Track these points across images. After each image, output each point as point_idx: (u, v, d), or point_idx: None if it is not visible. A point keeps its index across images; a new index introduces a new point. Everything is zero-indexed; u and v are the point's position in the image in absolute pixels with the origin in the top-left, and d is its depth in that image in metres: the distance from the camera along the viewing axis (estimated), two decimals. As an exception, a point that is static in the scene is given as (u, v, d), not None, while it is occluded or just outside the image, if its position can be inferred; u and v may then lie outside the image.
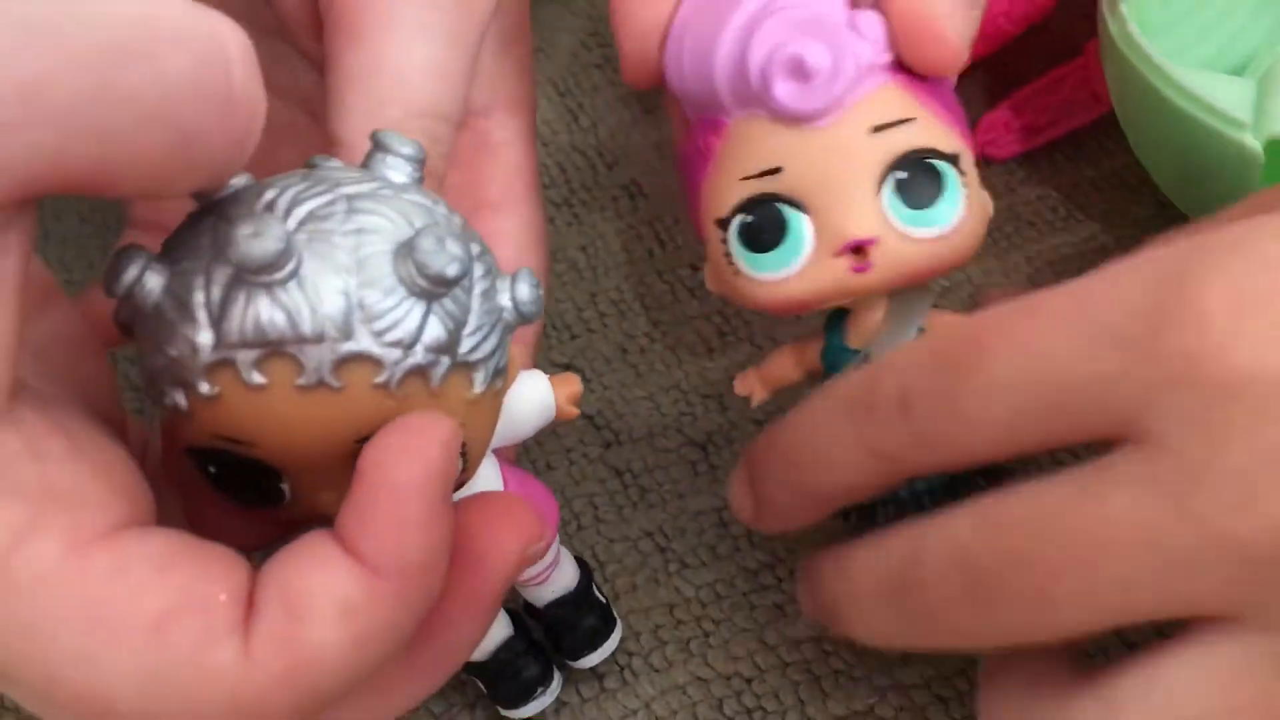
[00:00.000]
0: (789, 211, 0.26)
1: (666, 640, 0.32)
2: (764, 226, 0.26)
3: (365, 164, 0.23)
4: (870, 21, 0.26)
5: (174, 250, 0.22)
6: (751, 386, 0.30)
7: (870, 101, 0.26)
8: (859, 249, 0.26)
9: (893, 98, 0.26)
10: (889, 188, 0.26)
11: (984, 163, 0.41)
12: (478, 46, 0.28)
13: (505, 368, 0.23)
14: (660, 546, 0.33)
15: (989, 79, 0.43)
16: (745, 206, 0.26)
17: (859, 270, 0.26)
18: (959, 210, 0.26)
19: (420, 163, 0.23)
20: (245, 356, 0.20)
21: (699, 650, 0.31)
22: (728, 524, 0.34)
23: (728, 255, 0.27)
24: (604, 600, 0.31)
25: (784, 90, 0.25)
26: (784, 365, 0.29)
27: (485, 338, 0.22)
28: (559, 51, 0.46)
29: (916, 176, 0.26)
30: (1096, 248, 0.38)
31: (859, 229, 0.25)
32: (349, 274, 0.21)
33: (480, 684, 0.30)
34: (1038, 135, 0.41)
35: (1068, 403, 0.22)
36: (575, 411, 0.28)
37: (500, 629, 0.30)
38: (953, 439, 0.23)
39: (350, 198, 0.21)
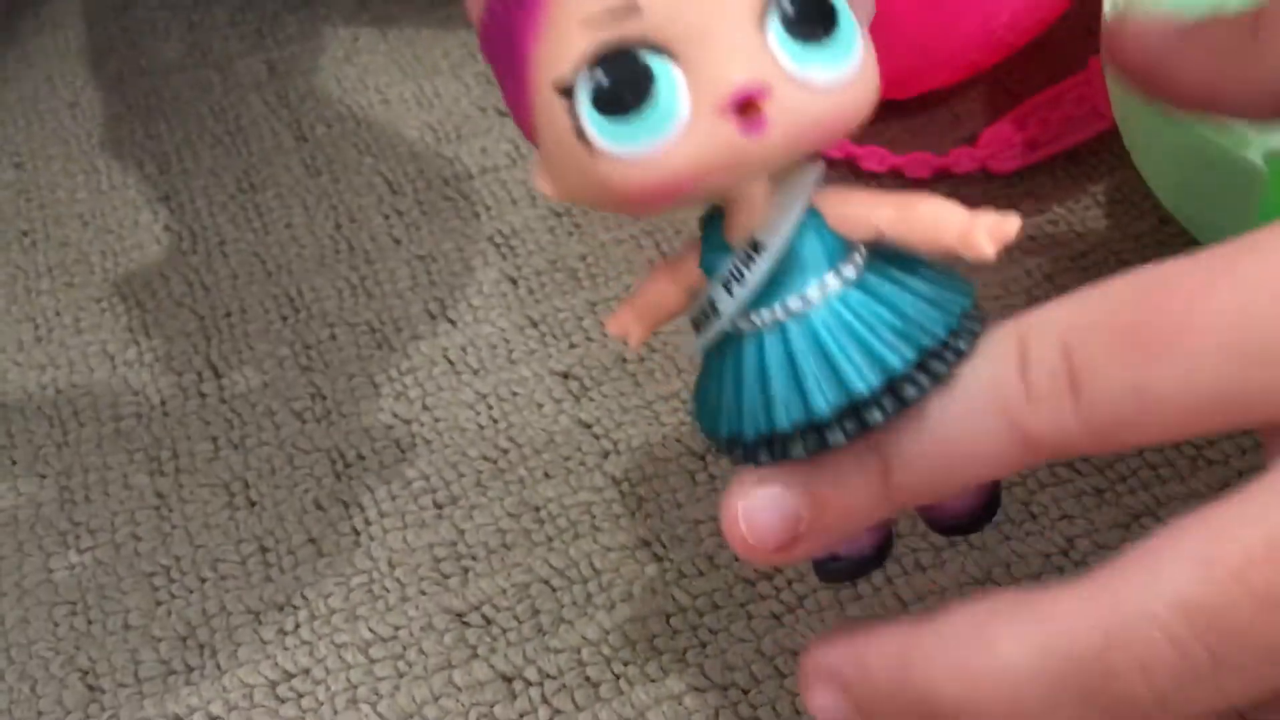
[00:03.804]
0: (654, 61, 0.20)
1: (663, 650, 0.31)
2: (623, 82, 0.20)
3: None
4: None
5: None
6: (626, 325, 0.25)
7: None
8: (748, 104, 0.20)
9: None
10: (774, 20, 0.21)
11: (985, 177, 0.41)
12: None
13: None
14: (657, 556, 0.33)
15: (990, 92, 0.43)
16: (596, 60, 0.20)
17: (751, 131, 0.20)
18: (858, 47, 0.21)
19: None
20: None
21: (695, 660, 0.31)
22: (725, 534, 0.33)
23: (578, 129, 0.21)
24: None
25: None
26: (660, 289, 0.24)
27: None
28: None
29: (803, 4, 0.21)
30: (1097, 263, 0.38)
31: (744, 72, 0.20)
32: None
33: None
34: (1039, 150, 0.41)
35: None
36: None
37: None
38: (1136, 427, 0.19)
39: None
